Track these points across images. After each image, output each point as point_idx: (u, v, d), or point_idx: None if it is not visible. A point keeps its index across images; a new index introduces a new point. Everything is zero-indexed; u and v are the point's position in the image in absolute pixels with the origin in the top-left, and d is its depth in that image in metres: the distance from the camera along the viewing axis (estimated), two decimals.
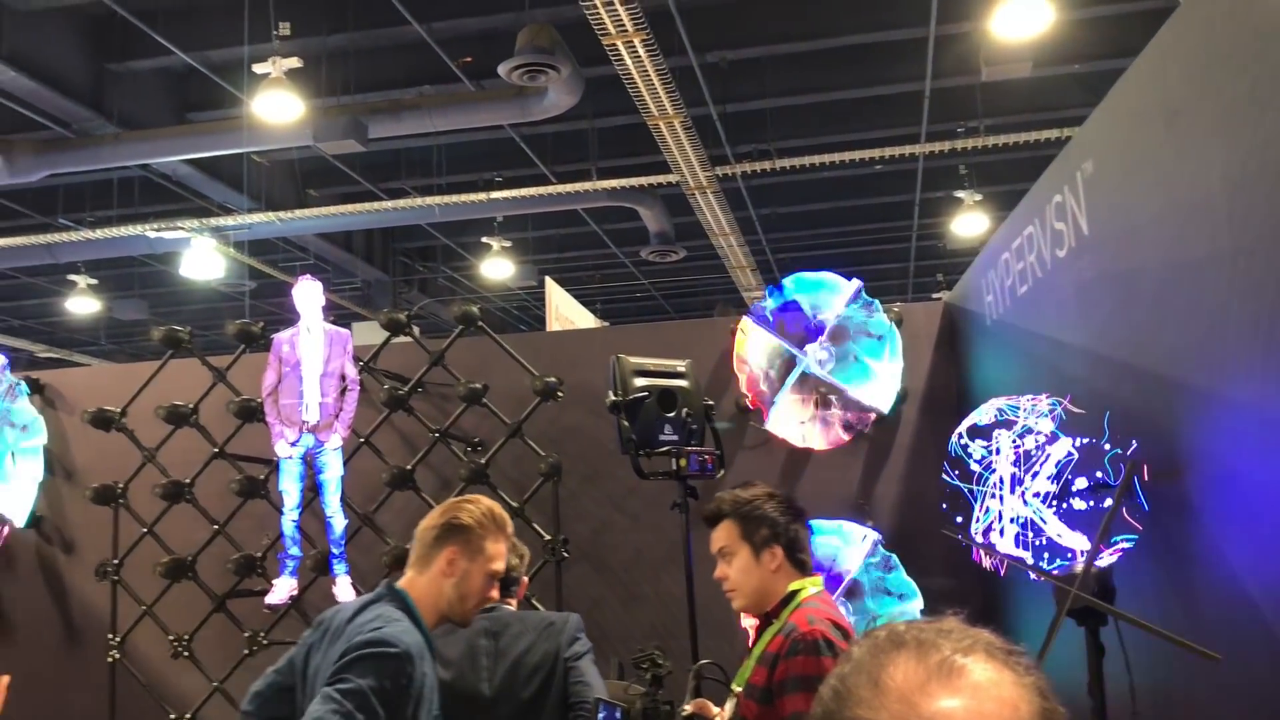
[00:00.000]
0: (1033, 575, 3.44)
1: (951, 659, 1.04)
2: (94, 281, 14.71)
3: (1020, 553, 3.41)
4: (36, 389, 6.79)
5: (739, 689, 2.78)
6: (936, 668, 1.04)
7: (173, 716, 6.09)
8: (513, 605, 3.57)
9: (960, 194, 12.51)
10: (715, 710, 2.87)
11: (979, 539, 3.60)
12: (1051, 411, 3.46)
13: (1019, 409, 3.57)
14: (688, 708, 2.90)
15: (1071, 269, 4.09)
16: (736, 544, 2.87)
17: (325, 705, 2.41)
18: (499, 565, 2.84)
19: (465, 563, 2.78)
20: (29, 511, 6.72)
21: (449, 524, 2.82)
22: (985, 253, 5.78)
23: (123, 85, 9.83)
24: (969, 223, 12.64)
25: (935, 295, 15.81)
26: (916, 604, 5.58)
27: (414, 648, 2.58)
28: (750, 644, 2.99)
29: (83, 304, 15.03)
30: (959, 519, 3.68)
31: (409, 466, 5.92)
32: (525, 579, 3.78)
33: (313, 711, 2.41)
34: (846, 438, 5.98)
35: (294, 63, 8.41)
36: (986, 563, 3.60)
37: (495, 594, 2.95)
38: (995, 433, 3.63)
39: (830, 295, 6.03)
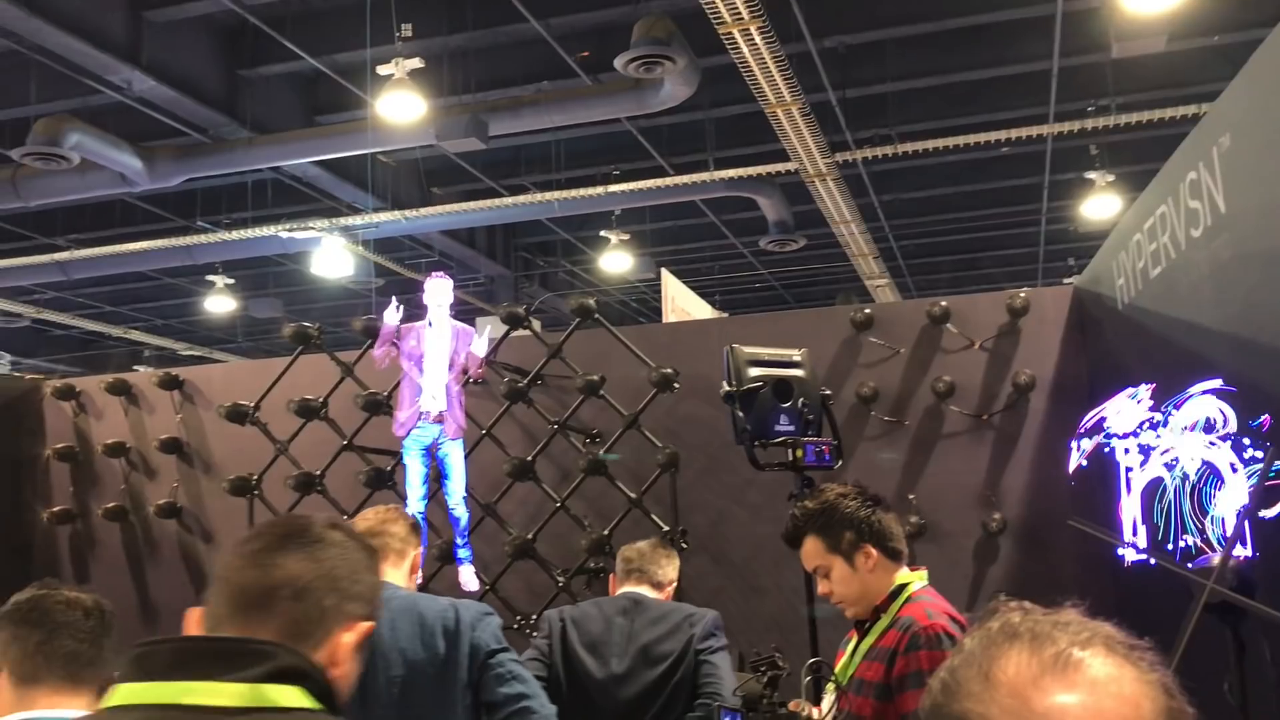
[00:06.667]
0: (1176, 568, 3.29)
1: (1068, 652, 0.99)
2: (230, 281, 15.30)
3: (1151, 543, 3.27)
4: (176, 385, 7.03)
5: (840, 684, 2.73)
6: (1051, 661, 0.99)
7: None
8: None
9: (1091, 175, 12.06)
10: (807, 707, 2.82)
11: (1111, 530, 3.47)
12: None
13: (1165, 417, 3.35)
14: (791, 706, 2.86)
15: (1207, 249, 3.90)
16: (827, 558, 2.81)
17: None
18: None
19: None
20: None
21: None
22: (1115, 235, 5.56)
23: (254, 91, 10.18)
24: (1100, 205, 12.19)
25: (1066, 280, 15.34)
26: None
27: None
28: (853, 637, 2.93)
29: (220, 303, 15.65)
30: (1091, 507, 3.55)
31: (529, 458, 5.99)
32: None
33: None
34: None
35: (416, 63, 8.58)
36: (1129, 556, 3.45)
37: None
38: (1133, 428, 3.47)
39: None
